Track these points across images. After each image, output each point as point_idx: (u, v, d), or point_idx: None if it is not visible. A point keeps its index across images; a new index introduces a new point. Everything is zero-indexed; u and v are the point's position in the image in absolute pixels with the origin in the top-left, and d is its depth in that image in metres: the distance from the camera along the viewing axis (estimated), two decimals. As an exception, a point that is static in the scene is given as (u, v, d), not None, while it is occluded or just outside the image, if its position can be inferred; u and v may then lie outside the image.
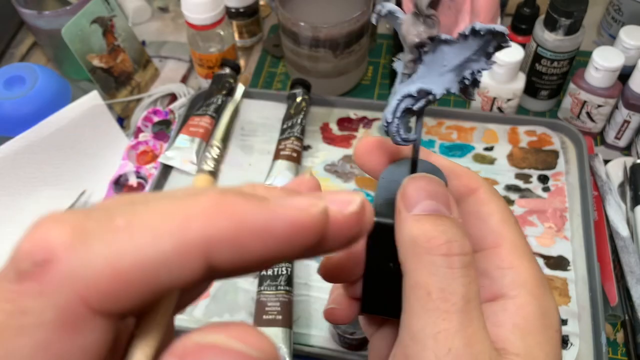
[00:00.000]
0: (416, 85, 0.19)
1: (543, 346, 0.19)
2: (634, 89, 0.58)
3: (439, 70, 0.19)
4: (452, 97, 0.70)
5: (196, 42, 0.66)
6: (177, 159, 0.60)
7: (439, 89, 0.19)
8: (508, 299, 0.20)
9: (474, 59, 0.19)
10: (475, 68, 0.19)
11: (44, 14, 0.64)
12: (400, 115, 0.20)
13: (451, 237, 0.19)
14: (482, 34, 0.18)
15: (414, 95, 0.19)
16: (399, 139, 0.21)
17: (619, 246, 0.54)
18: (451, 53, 0.19)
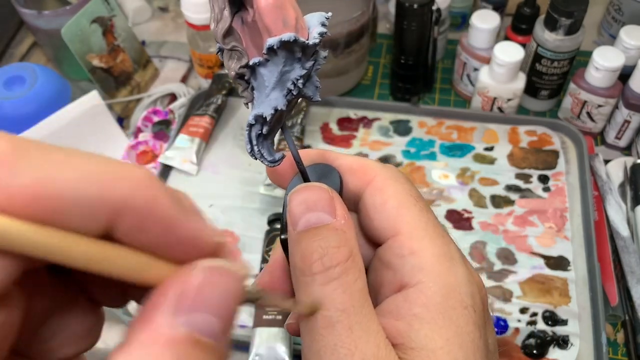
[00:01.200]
0: (252, 113, 0.20)
1: (444, 330, 0.18)
2: (634, 89, 0.57)
3: (265, 92, 0.20)
4: (452, 97, 0.70)
5: (196, 42, 0.66)
6: (176, 158, 0.60)
7: (268, 110, 0.20)
8: (409, 288, 0.19)
9: (288, 70, 0.19)
10: (293, 77, 0.19)
11: (44, 13, 0.64)
12: (256, 142, 0.21)
13: (323, 250, 0.19)
14: (275, 47, 0.18)
15: (253, 123, 0.20)
16: (267, 163, 0.21)
17: (620, 246, 0.53)
18: (267, 73, 0.19)
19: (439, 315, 0.18)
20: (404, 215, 0.20)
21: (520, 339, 0.48)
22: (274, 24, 0.18)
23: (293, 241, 0.20)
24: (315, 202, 0.20)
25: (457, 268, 0.20)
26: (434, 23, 0.62)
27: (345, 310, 0.18)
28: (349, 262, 0.19)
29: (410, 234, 0.20)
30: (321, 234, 0.19)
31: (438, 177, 0.59)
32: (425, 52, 0.64)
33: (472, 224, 0.55)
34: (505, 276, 0.52)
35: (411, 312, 0.19)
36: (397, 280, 0.20)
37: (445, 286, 0.19)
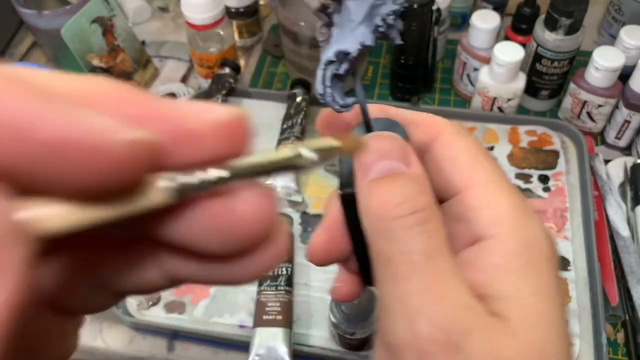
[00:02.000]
0: (332, 49, 0.19)
1: (529, 281, 0.18)
2: (634, 89, 0.57)
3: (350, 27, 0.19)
4: (452, 97, 0.70)
5: (196, 42, 0.66)
6: (177, 158, 0.60)
7: (354, 45, 0.19)
8: (487, 240, 0.19)
9: (379, 3, 0.18)
10: (383, 13, 0.19)
11: (44, 13, 0.64)
12: (330, 84, 0.20)
13: (403, 196, 0.18)
14: None
15: (333, 60, 0.19)
16: (337, 107, 0.20)
17: (620, 246, 0.53)
18: (355, 6, 0.18)
19: (521, 266, 0.18)
20: (477, 168, 0.20)
21: (520, 339, 0.48)
22: None
23: (364, 190, 0.19)
24: (389, 150, 0.19)
25: (534, 222, 0.19)
26: (434, 23, 0.62)
27: (431, 256, 0.17)
28: (431, 210, 0.18)
29: (485, 186, 0.19)
30: (399, 181, 0.18)
31: (438, 177, 0.59)
32: (425, 52, 0.64)
33: (472, 224, 0.55)
34: (505, 276, 0.52)
35: (492, 263, 0.18)
36: (471, 232, 0.19)
37: (524, 238, 0.18)
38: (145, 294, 0.17)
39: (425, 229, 0.18)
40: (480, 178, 0.20)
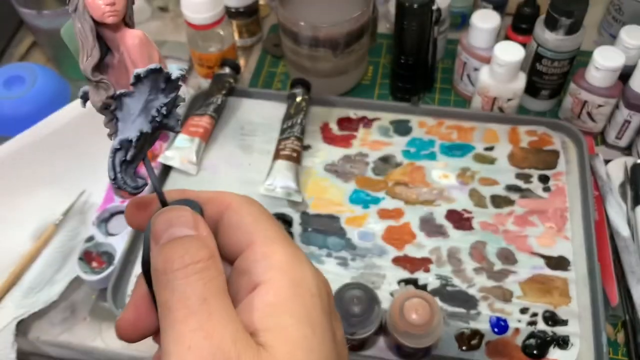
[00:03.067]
0: (117, 140, 0.22)
1: (294, 313, 0.20)
2: (634, 89, 0.57)
3: (131, 119, 0.22)
4: (452, 97, 0.70)
5: (196, 41, 0.66)
6: (176, 158, 0.60)
7: (133, 133, 0.21)
8: (262, 284, 0.21)
9: (152, 99, 0.21)
10: (157, 105, 0.21)
11: (44, 13, 0.64)
12: (120, 170, 0.22)
13: (185, 251, 0.20)
14: (142, 76, 0.21)
15: (119, 147, 0.22)
16: (130, 189, 0.23)
17: (620, 246, 0.53)
18: (133, 102, 0.21)
19: (289, 301, 0.21)
20: (258, 228, 0.23)
21: (520, 339, 0.48)
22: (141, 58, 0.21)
23: (156, 254, 0.21)
24: (178, 218, 0.22)
25: (304, 265, 0.22)
26: (434, 23, 0.62)
27: (206, 299, 0.19)
28: (210, 261, 0.21)
29: (263, 241, 0.22)
30: (183, 241, 0.21)
31: (438, 177, 0.59)
32: (426, 52, 0.64)
33: (472, 224, 0.55)
34: (505, 276, 0.52)
35: (263, 302, 0.20)
36: (251, 282, 0.22)
37: (293, 278, 0.21)
38: None
39: (201, 276, 0.20)
40: (260, 235, 0.23)
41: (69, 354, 0.53)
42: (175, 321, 0.19)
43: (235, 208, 0.24)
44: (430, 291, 0.51)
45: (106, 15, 0.21)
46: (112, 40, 0.22)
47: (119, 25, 0.22)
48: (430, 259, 0.53)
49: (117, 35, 0.22)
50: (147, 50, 0.21)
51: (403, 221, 0.56)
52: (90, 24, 0.21)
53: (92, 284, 0.54)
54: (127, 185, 0.23)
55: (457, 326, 0.49)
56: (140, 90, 0.21)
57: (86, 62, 0.21)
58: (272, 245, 0.22)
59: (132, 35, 0.21)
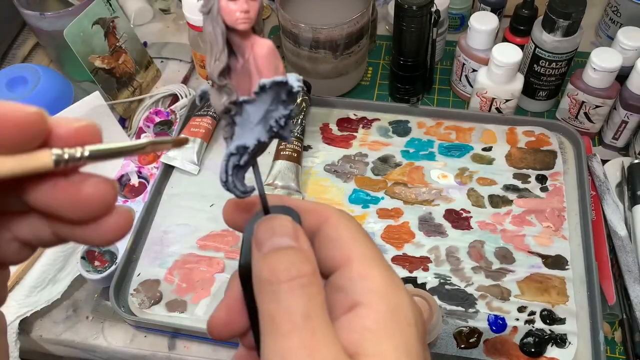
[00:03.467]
0: (234, 144, 0.22)
1: (393, 340, 0.20)
2: (631, 90, 0.58)
3: (249, 127, 0.22)
4: (451, 98, 0.71)
5: (197, 43, 0.67)
6: (178, 159, 0.61)
7: (251, 141, 0.22)
8: (360, 306, 0.21)
9: (272, 109, 0.22)
10: (276, 116, 0.22)
11: (46, 15, 0.64)
12: (232, 173, 0.23)
13: (290, 264, 0.21)
14: (268, 87, 0.21)
15: (234, 152, 0.22)
16: (238, 193, 0.23)
17: (617, 245, 0.54)
18: (253, 110, 0.22)
19: (388, 328, 0.21)
20: (356, 246, 0.23)
21: (518, 338, 0.49)
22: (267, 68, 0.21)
23: (258, 261, 0.21)
24: (281, 228, 0.22)
25: (402, 292, 0.22)
26: (432, 24, 0.62)
27: (309, 316, 0.20)
28: (314, 277, 0.21)
29: (361, 261, 0.22)
30: (288, 253, 0.21)
31: (437, 177, 0.59)
32: (424, 53, 0.65)
33: (470, 224, 0.56)
34: (503, 275, 0.52)
35: (363, 325, 0.21)
36: (348, 301, 0.22)
37: (392, 305, 0.21)
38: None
39: (305, 292, 0.20)
40: (358, 254, 0.23)
41: (72, 352, 0.54)
42: (279, 334, 0.19)
43: (333, 223, 0.24)
44: (429, 290, 0.52)
45: (239, 21, 0.21)
46: (238, 46, 0.22)
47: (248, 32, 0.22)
48: (429, 258, 0.54)
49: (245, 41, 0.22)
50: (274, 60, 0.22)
51: (402, 220, 0.56)
52: (222, 28, 0.21)
53: (95, 283, 0.54)
54: (237, 189, 0.23)
55: (456, 324, 0.49)
56: (263, 99, 0.21)
57: (214, 66, 0.22)
58: (370, 266, 0.22)
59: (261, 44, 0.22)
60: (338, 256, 0.23)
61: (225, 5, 0.21)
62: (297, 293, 0.20)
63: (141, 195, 0.60)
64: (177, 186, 0.60)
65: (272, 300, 0.20)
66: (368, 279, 0.22)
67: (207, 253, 0.55)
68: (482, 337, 0.49)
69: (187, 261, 0.54)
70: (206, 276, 0.53)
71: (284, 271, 0.20)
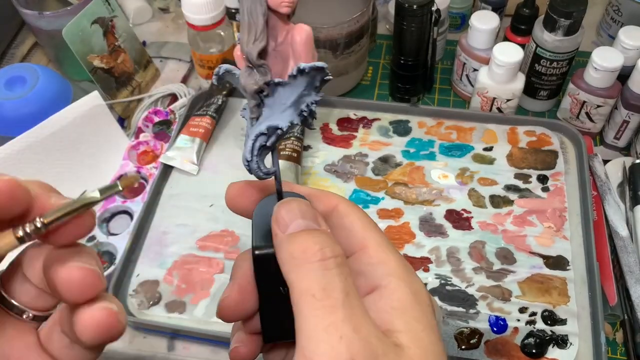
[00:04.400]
0: (265, 124, 0.22)
1: (420, 319, 0.22)
2: (633, 89, 0.58)
3: (281, 108, 0.22)
4: (451, 97, 0.70)
5: (197, 42, 0.67)
6: (177, 159, 0.60)
7: (284, 122, 0.22)
8: (382, 288, 0.22)
9: (305, 94, 0.22)
10: (308, 101, 0.22)
11: (45, 14, 0.64)
12: (257, 153, 0.23)
13: (323, 244, 0.21)
14: (306, 71, 0.21)
15: (264, 132, 0.22)
16: (261, 174, 0.23)
17: (618, 246, 0.54)
18: (286, 92, 0.22)
19: (412, 308, 0.22)
20: (370, 233, 0.24)
21: (519, 339, 0.48)
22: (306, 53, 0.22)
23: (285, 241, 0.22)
24: (303, 211, 0.23)
25: (417, 277, 0.23)
26: (433, 24, 0.62)
27: (349, 293, 0.20)
28: (344, 258, 0.22)
29: (377, 247, 0.23)
30: (316, 234, 0.22)
31: (437, 177, 0.59)
32: (425, 52, 0.65)
33: (471, 224, 0.56)
34: (504, 276, 0.52)
35: (389, 305, 0.22)
36: (368, 284, 0.23)
37: (411, 288, 0.22)
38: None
39: (341, 271, 0.21)
40: (372, 241, 0.24)
41: (70, 353, 0.54)
42: (322, 309, 0.20)
43: (343, 211, 0.25)
44: (430, 291, 0.51)
45: (283, 4, 0.21)
46: (274, 28, 0.22)
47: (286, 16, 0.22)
48: (430, 258, 0.53)
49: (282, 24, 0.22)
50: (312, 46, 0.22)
51: (402, 221, 0.56)
52: (264, 8, 0.21)
53: (93, 284, 0.54)
54: (260, 170, 0.23)
55: (457, 325, 0.49)
56: (297, 83, 0.22)
57: (253, 45, 0.21)
58: (387, 252, 0.23)
59: (301, 29, 0.22)
60: (353, 243, 0.24)
61: None
62: (335, 271, 0.21)
63: (140, 195, 0.60)
64: (176, 186, 0.60)
65: (310, 278, 0.20)
66: (386, 263, 0.23)
67: (206, 254, 0.55)
68: (483, 338, 0.48)
69: (187, 262, 0.54)
70: (205, 277, 0.53)
71: (319, 251, 0.21)
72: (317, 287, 0.20)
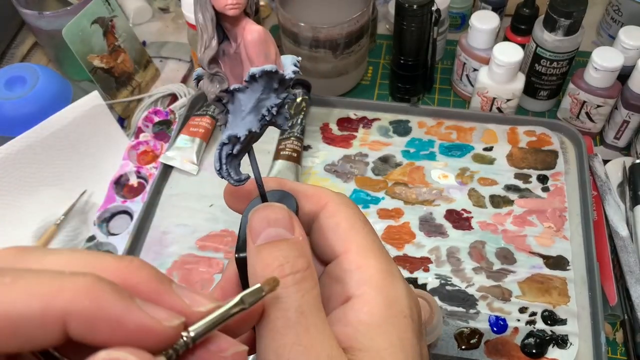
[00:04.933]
0: (226, 133, 0.22)
1: (388, 335, 0.20)
2: (633, 89, 0.58)
3: (241, 115, 0.22)
4: (451, 97, 0.70)
5: (197, 42, 0.67)
6: (177, 159, 0.60)
7: (242, 131, 0.22)
8: (355, 298, 0.21)
9: (264, 98, 0.21)
10: (268, 105, 0.22)
11: (45, 14, 0.64)
12: (225, 162, 0.22)
13: (284, 259, 0.20)
14: (258, 76, 0.20)
15: (226, 142, 0.22)
16: (232, 182, 0.23)
17: (618, 246, 0.54)
18: (245, 98, 0.21)
19: (382, 322, 0.21)
20: (353, 235, 0.23)
21: (519, 339, 0.48)
22: (257, 56, 0.21)
23: (253, 253, 0.21)
24: (276, 219, 0.22)
25: (398, 283, 0.22)
26: (433, 24, 0.62)
27: (303, 312, 0.20)
28: (307, 271, 0.21)
29: (358, 251, 0.22)
30: (281, 246, 0.21)
31: (437, 177, 0.59)
32: (425, 52, 0.65)
33: (471, 224, 0.56)
34: (504, 276, 0.52)
35: (357, 319, 0.21)
36: (344, 292, 0.22)
37: (387, 297, 0.21)
38: None
39: (300, 288, 0.20)
40: (355, 244, 0.22)
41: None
42: (273, 331, 0.19)
43: (332, 210, 0.24)
44: (430, 290, 0.51)
45: (228, 7, 0.20)
46: (230, 31, 0.21)
47: (240, 17, 0.21)
48: (430, 258, 0.53)
49: (236, 26, 0.21)
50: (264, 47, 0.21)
51: (402, 221, 0.56)
52: (211, 13, 0.21)
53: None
54: (231, 178, 0.23)
55: (457, 325, 0.49)
56: (254, 88, 0.21)
57: (204, 53, 0.21)
58: (367, 257, 0.22)
59: (251, 30, 0.21)
60: (336, 245, 0.23)
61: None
62: (291, 290, 0.20)
63: (140, 195, 0.60)
64: (176, 186, 0.60)
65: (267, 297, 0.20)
66: (364, 270, 0.22)
67: (206, 253, 0.55)
68: (483, 338, 0.48)
69: (186, 262, 0.54)
70: (205, 277, 0.53)
71: (277, 267, 0.20)
72: (271, 307, 0.20)
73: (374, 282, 0.21)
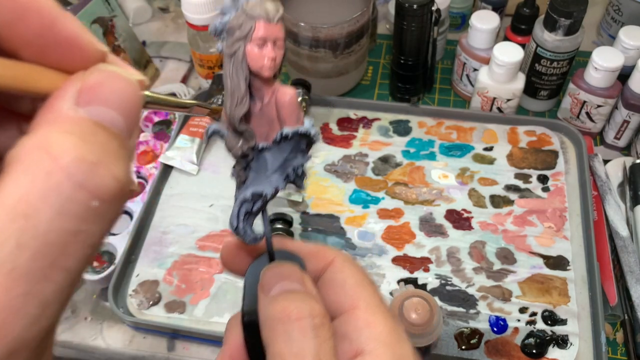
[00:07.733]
0: (249, 191, 0.22)
1: None
2: (633, 89, 0.58)
3: (266, 174, 0.22)
4: (452, 97, 0.70)
5: (196, 42, 0.67)
6: (177, 158, 0.60)
7: (269, 189, 0.22)
8: (365, 354, 0.21)
9: (291, 158, 0.22)
10: (294, 165, 0.22)
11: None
12: (243, 219, 0.22)
13: (301, 305, 0.21)
14: (290, 137, 0.21)
15: (249, 200, 0.22)
16: (248, 240, 0.23)
17: (619, 246, 0.54)
18: (271, 157, 0.22)
19: None
20: (361, 292, 0.23)
21: (519, 339, 0.48)
22: (290, 117, 0.21)
23: (267, 304, 0.21)
24: (287, 274, 0.22)
25: (404, 343, 0.22)
26: (433, 23, 0.62)
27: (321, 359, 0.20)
28: (325, 318, 0.21)
29: (366, 308, 0.23)
30: (297, 296, 0.21)
31: (438, 177, 0.59)
32: (425, 52, 0.65)
33: (471, 224, 0.55)
34: (504, 276, 0.52)
35: None
36: (352, 348, 0.22)
37: (395, 354, 0.22)
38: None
39: (318, 334, 0.20)
40: (363, 301, 0.23)
41: (70, 353, 0.53)
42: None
43: (338, 267, 0.24)
44: (430, 291, 0.51)
45: (265, 68, 0.21)
46: (258, 90, 0.22)
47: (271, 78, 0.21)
48: (430, 258, 0.53)
49: (267, 87, 0.21)
50: (297, 109, 0.21)
51: (403, 221, 0.56)
52: (245, 73, 0.21)
53: (93, 283, 0.54)
54: (247, 236, 0.23)
55: (457, 325, 0.49)
56: (282, 148, 0.21)
57: (235, 110, 0.21)
58: (375, 314, 0.22)
59: (284, 92, 0.21)
60: (343, 302, 0.23)
61: (252, 50, 0.20)
62: (309, 334, 0.20)
63: (140, 195, 0.60)
64: (176, 186, 0.60)
65: (283, 340, 0.20)
66: (373, 327, 0.22)
67: (206, 254, 0.54)
68: (483, 338, 0.48)
69: (186, 262, 0.54)
70: (205, 277, 0.53)
71: (296, 309, 0.20)
72: (289, 351, 0.20)
73: (384, 339, 0.22)
